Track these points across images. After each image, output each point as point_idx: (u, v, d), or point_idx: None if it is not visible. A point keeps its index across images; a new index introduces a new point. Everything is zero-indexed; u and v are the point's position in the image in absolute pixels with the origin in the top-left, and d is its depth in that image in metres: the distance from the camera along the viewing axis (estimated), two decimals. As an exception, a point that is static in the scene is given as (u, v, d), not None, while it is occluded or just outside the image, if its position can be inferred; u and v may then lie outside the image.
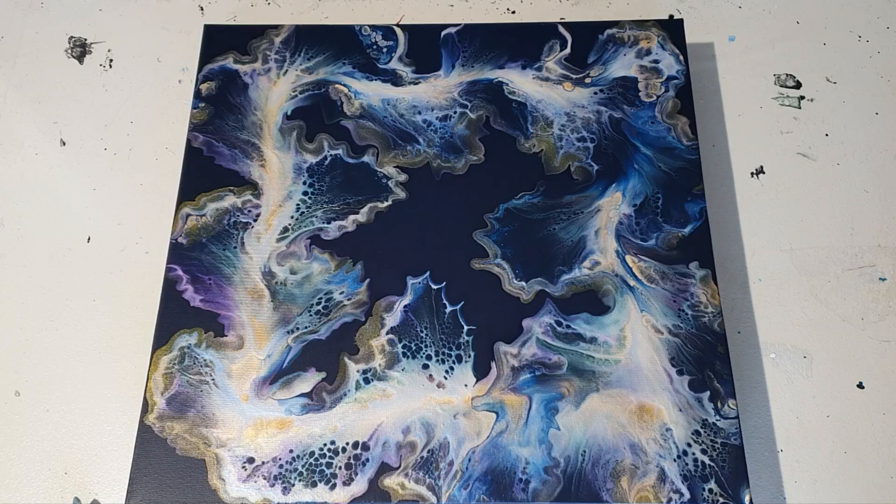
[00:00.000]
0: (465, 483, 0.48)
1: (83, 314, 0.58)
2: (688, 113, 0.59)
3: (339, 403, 0.50)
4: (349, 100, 0.60)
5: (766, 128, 0.63)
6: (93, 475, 0.53)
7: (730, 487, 0.47)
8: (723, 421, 0.49)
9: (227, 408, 0.50)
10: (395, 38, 0.63)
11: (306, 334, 0.52)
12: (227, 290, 0.54)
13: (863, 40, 0.67)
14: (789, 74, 0.65)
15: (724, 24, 0.68)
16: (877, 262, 0.58)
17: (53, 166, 0.64)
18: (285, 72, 0.61)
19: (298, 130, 0.59)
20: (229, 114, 0.60)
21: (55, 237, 0.61)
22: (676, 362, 0.51)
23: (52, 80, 0.67)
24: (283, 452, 0.49)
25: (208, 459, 0.49)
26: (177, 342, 0.52)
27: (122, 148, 0.64)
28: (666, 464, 0.48)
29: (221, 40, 0.63)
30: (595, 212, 0.56)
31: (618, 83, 0.60)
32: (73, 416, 0.55)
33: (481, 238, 0.55)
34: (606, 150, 0.58)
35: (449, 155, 0.58)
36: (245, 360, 0.52)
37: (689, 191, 0.56)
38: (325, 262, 0.55)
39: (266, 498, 0.48)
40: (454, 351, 0.52)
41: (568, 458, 0.48)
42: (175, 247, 0.55)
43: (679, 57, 0.61)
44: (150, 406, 0.50)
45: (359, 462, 0.49)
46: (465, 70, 0.61)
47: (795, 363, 0.55)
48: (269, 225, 0.56)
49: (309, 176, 0.58)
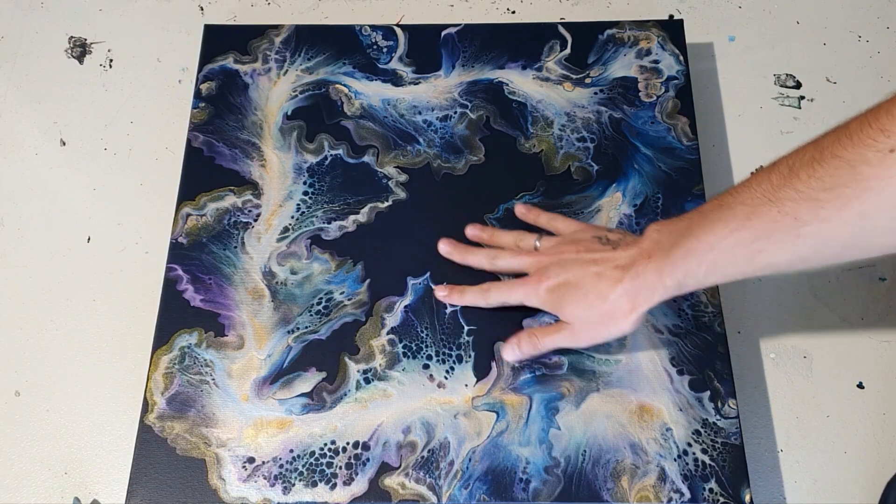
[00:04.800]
0: (465, 483, 0.48)
1: (83, 314, 0.58)
2: (688, 113, 0.59)
3: (340, 403, 0.50)
4: (349, 100, 0.60)
5: (766, 128, 0.63)
6: (93, 475, 0.53)
7: (730, 487, 0.47)
8: (723, 421, 0.49)
9: (228, 408, 0.50)
10: (395, 38, 0.63)
11: (307, 334, 0.52)
12: (227, 290, 0.54)
13: (863, 40, 0.67)
14: (789, 74, 0.65)
15: (724, 24, 0.68)
16: (876, 262, 0.58)
17: (53, 166, 0.63)
18: (285, 72, 0.61)
19: (299, 130, 0.59)
20: (229, 114, 0.60)
21: (55, 237, 0.61)
22: (677, 362, 0.51)
23: (52, 80, 0.67)
24: (284, 452, 0.49)
25: (209, 459, 0.49)
26: (177, 342, 0.52)
27: (122, 148, 0.64)
28: (666, 463, 0.48)
29: (221, 40, 0.63)
30: (595, 212, 0.56)
31: (618, 83, 0.60)
32: (73, 416, 0.55)
33: (481, 238, 0.55)
34: (606, 150, 0.58)
35: (449, 155, 0.58)
36: (245, 359, 0.52)
37: (689, 191, 0.56)
38: (325, 262, 0.55)
39: (266, 498, 0.48)
40: (455, 351, 0.52)
41: (568, 458, 0.48)
42: (175, 247, 0.55)
43: (679, 57, 0.61)
44: (151, 406, 0.50)
45: (359, 462, 0.49)
46: (466, 70, 0.61)
47: (795, 363, 0.55)
48: (270, 225, 0.56)
49: (309, 176, 0.58)
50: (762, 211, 0.40)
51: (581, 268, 0.47)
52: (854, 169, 0.36)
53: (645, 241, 0.46)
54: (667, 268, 0.44)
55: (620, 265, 0.46)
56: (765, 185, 0.40)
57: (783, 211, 0.39)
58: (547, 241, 0.51)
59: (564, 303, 0.48)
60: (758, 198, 0.40)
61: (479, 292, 0.52)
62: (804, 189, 0.38)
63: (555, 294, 0.48)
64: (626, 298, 0.45)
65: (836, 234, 0.38)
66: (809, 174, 0.38)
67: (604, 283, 0.46)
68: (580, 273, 0.47)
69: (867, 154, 0.36)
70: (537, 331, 0.50)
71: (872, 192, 0.36)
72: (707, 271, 0.43)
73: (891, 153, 0.35)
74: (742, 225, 0.41)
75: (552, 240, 0.51)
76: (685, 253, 0.43)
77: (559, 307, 0.48)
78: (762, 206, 0.40)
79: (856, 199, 0.36)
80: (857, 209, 0.37)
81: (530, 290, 0.49)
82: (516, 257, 0.51)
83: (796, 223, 0.39)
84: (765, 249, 0.40)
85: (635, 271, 0.45)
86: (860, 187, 0.36)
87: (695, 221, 0.43)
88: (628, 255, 0.46)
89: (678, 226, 0.45)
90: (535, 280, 0.49)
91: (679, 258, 0.43)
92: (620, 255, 0.47)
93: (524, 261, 0.51)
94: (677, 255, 0.43)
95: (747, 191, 0.41)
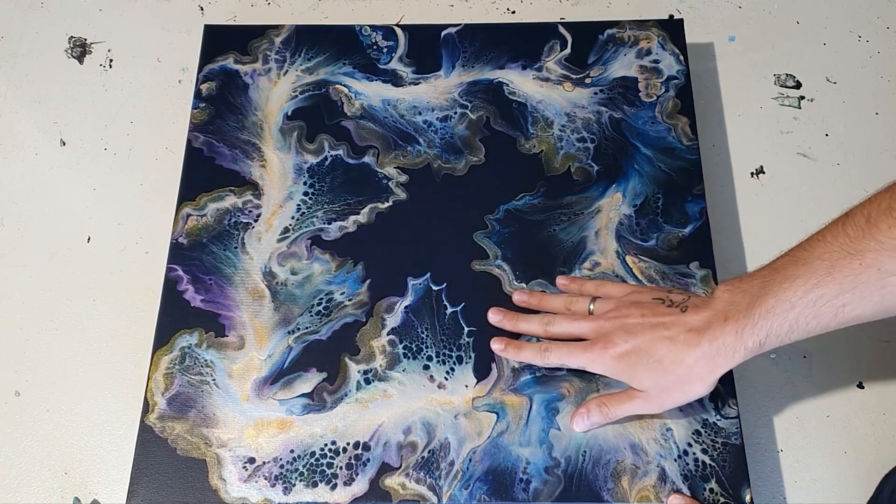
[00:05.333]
0: (465, 483, 0.48)
1: (83, 314, 0.58)
2: (688, 113, 0.59)
3: (340, 404, 0.50)
4: (349, 100, 0.60)
5: (766, 128, 0.63)
6: (93, 475, 0.53)
7: (730, 487, 0.47)
8: (723, 421, 0.49)
9: (228, 408, 0.50)
10: (395, 39, 0.63)
11: (307, 335, 0.52)
12: (227, 290, 0.54)
13: (863, 40, 0.67)
14: (789, 74, 0.65)
15: (724, 24, 0.68)
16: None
17: (53, 166, 0.63)
18: (285, 72, 0.61)
19: (299, 131, 0.59)
20: (230, 114, 0.60)
21: (55, 237, 0.61)
22: (677, 362, 0.51)
23: (52, 80, 0.67)
24: (284, 452, 0.49)
25: (209, 459, 0.49)
26: (177, 342, 0.52)
27: (122, 148, 0.64)
28: (666, 464, 0.48)
29: (221, 40, 0.63)
30: (595, 212, 0.56)
31: (618, 83, 0.60)
32: (73, 416, 0.55)
33: (482, 239, 0.55)
34: (607, 150, 0.58)
35: (449, 156, 0.58)
36: (246, 360, 0.52)
37: (690, 191, 0.56)
38: (325, 262, 0.55)
39: (267, 498, 0.48)
40: (455, 352, 0.52)
41: (569, 458, 0.48)
42: (175, 247, 0.55)
43: (679, 57, 0.61)
44: (151, 406, 0.50)
45: (360, 462, 0.49)
46: (466, 70, 0.61)
47: (795, 363, 0.55)
48: (270, 225, 0.56)
49: (309, 176, 0.57)
50: (843, 264, 0.39)
51: (650, 332, 0.46)
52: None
53: (717, 301, 0.45)
54: (747, 329, 0.43)
55: (695, 328, 0.44)
56: (841, 237, 0.40)
57: (865, 263, 0.39)
58: (603, 305, 0.49)
59: (636, 370, 0.46)
60: (836, 251, 0.40)
61: (538, 352, 0.50)
62: (886, 240, 0.38)
63: (624, 361, 0.46)
64: (704, 362, 0.44)
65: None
66: (890, 224, 0.38)
67: (679, 348, 0.45)
68: (650, 338, 0.46)
69: None
70: (607, 399, 0.48)
71: None
72: (790, 329, 0.42)
73: None
74: (823, 280, 0.40)
75: (608, 303, 0.49)
76: (765, 312, 0.42)
77: (630, 375, 0.47)
78: (842, 260, 0.39)
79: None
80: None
81: (595, 357, 0.47)
82: (573, 322, 0.49)
83: (881, 274, 0.38)
84: (849, 303, 0.40)
85: (712, 334, 0.44)
86: None
87: (769, 279, 0.43)
88: (702, 318, 0.45)
89: (751, 284, 0.44)
90: (600, 346, 0.47)
91: (759, 318, 0.42)
92: (692, 318, 0.45)
93: (582, 326, 0.49)
94: (757, 315, 0.42)
95: (822, 244, 0.41)
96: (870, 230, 0.39)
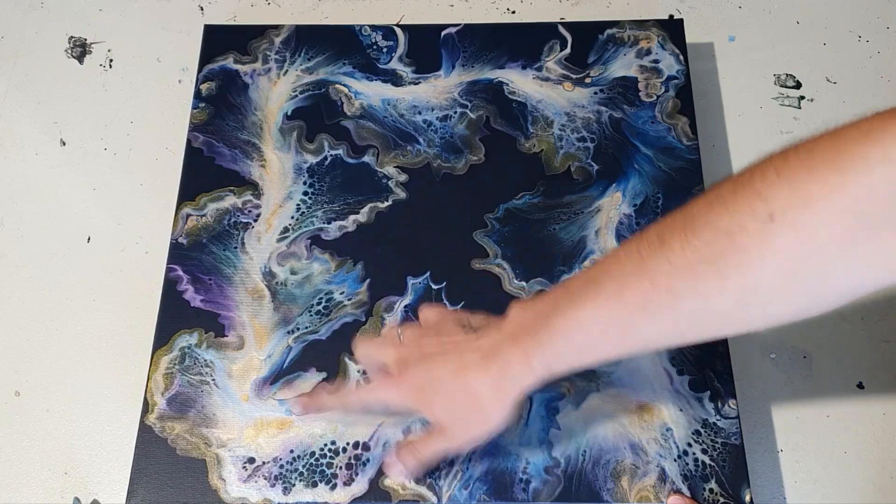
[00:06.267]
0: (465, 483, 0.48)
1: (83, 314, 0.58)
2: (688, 113, 0.59)
3: (340, 403, 0.50)
4: (349, 100, 0.60)
5: (766, 128, 0.63)
6: (93, 475, 0.53)
7: (730, 487, 0.47)
8: (723, 421, 0.49)
9: (228, 408, 0.50)
10: (395, 38, 0.63)
11: (307, 334, 0.52)
12: (227, 290, 0.54)
13: (863, 40, 0.67)
14: (789, 74, 0.65)
15: (724, 24, 0.68)
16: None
17: (53, 166, 0.63)
18: (285, 72, 0.61)
19: (299, 130, 0.59)
20: (229, 114, 0.60)
21: (55, 237, 0.61)
22: (677, 362, 0.51)
23: (52, 80, 0.67)
24: (284, 453, 0.49)
25: (209, 460, 0.49)
26: (177, 342, 0.52)
27: (122, 148, 0.64)
28: (666, 463, 0.48)
29: (221, 40, 0.63)
30: (595, 212, 0.56)
31: (618, 83, 0.60)
32: (73, 416, 0.54)
33: (481, 238, 0.55)
34: (606, 150, 0.58)
35: (449, 155, 0.58)
36: (246, 360, 0.52)
37: (690, 191, 0.56)
38: (325, 262, 0.55)
39: (267, 498, 0.48)
40: (455, 351, 0.52)
41: (568, 458, 0.48)
42: (175, 247, 0.55)
43: (679, 57, 0.61)
44: (151, 406, 0.50)
45: (359, 462, 0.49)
46: (466, 70, 0.61)
47: (795, 363, 0.55)
48: (270, 225, 0.56)
49: (309, 176, 0.57)
50: (633, 284, 0.36)
51: (442, 360, 0.42)
52: (732, 239, 0.33)
53: (508, 323, 0.42)
54: (535, 352, 0.40)
55: (485, 353, 0.41)
56: (634, 257, 0.37)
57: (657, 284, 0.36)
58: (410, 331, 0.46)
59: (431, 403, 0.43)
60: (628, 271, 0.37)
61: (336, 398, 0.47)
62: (678, 261, 0.35)
63: (421, 393, 0.43)
64: (493, 389, 0.41)
65: (715, 307, 0.35)
66: (683, 244, 0.35)
67: (469, 375, 0.41)
68: (442, 367, 0.42)
69: (745, 223, 0.33)
70: (416, 443, 0.45)
71: (755, 263, 0.33)
72: (579, 351, 0.39)
73: (770, 221, 0.32)
74: (612, 301, 0.37)
75: (415, 329, 0.46)
76: (552, 333, 0.39)
77: (427, 408, 0.43)
78: (632, 280, 0.36)
79: (735, 270, 0.33)
80: (738, 282, 0.34)
81: (392, 391, 0.44)
82: (380, 348, 0.46)
83: (672, 296, 0.35)
84: (638, 325, 0.37)
85: (503, 359, 0.40)
86: (739, 259, 0.33)
87: (560, 299, 0.40)
88: (491, 341, 0.41)
89: (543, 304, 0.41)
90: (396, 378, 0.44)
91: (545, 339, 0.39)
92: (484, 341, 0.42)
93: (387, 352, 0.45)
94: (543, 336, 0.39)
95: (615, 264, 0.38)
96: (662, 249, 0.35)
